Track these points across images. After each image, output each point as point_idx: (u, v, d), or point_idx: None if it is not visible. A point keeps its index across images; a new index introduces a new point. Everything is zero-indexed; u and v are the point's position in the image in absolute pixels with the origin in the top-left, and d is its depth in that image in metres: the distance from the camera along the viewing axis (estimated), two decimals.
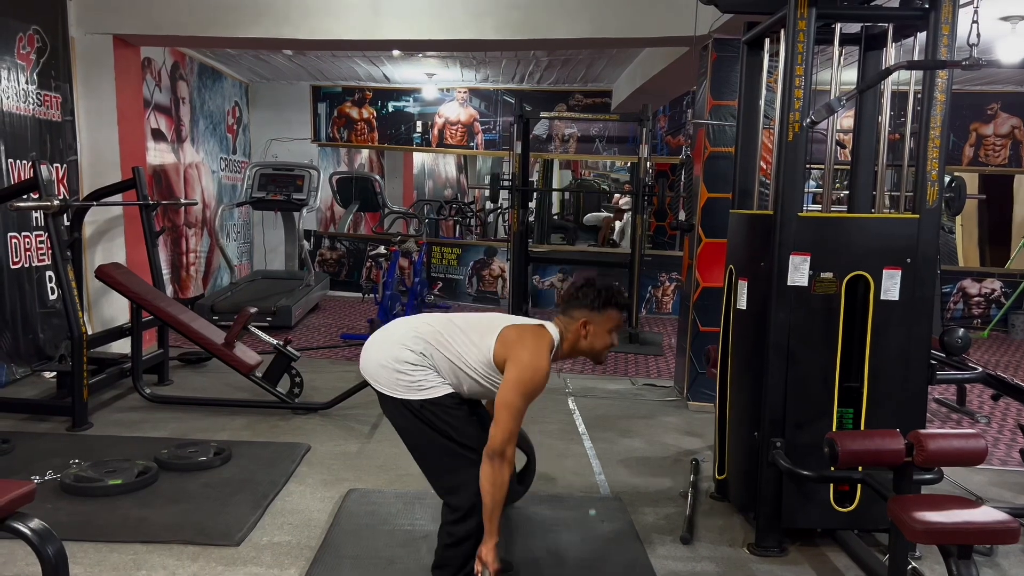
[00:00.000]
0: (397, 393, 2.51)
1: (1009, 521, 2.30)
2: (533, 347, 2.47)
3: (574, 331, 2.56)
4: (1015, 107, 8.97)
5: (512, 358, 2.44)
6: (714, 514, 3.58)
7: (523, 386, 2.42)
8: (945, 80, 3.03)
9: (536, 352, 2.46)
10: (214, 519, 3.30)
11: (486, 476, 2.40)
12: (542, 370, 2.45)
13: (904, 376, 3.12)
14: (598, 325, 2.56)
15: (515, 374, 2.42)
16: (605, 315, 2.56)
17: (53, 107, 5.74)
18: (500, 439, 2.38)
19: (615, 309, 2.58)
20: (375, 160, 13.72)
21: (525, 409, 2.45)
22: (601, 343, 2.59)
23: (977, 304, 9.12)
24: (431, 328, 2.56)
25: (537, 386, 2.45)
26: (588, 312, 2.55)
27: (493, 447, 2.39)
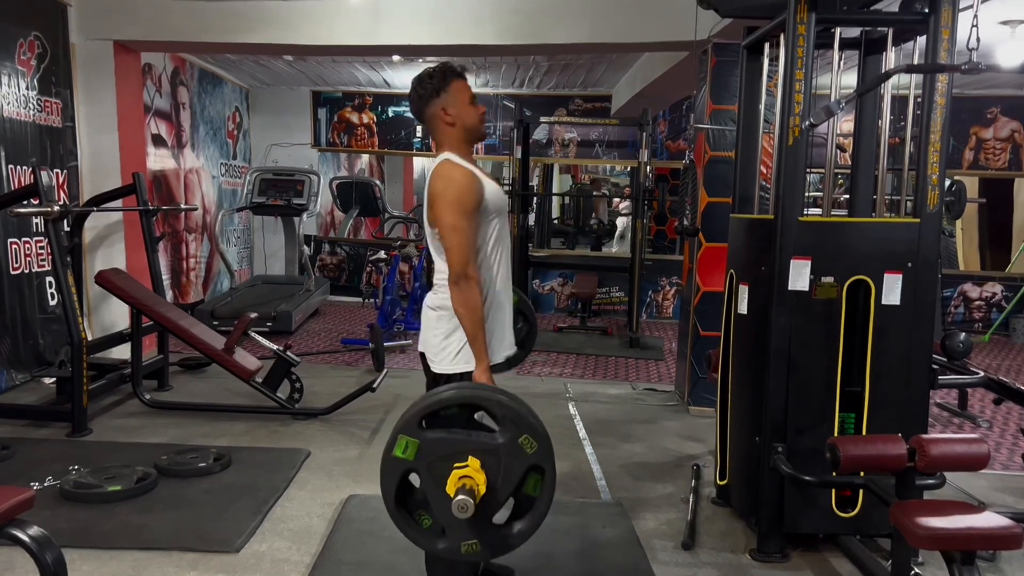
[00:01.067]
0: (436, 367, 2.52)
1: (1012, 527, 2.29)
2: (437, 176, 2.42)
3: (442, 127, 2.48)
4: (1015, 111, 8.97)
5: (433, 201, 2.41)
6: (716, 519, 3.57)
7: (452, 203, 2.35)
8: (945, 84, 3.03)
9: (441, 176, 2.40)
10: (214, 525, 3.29)
11: (457, 300, 2.36)
12: (460, 179, 2.38)
13: (906, 380, 3.11)
14: (453, 104, 2.47)
15: (440, 202, 2.37)
16: (450, 90, 2.47)
17: (53, 113, 5.75)
18: (457, 261, 2.34)
19: (455, 78, 2.48)
20: (375, 165, 13.73)
21: (467, 225, 2.36)
22: (470, 117, 2.49)
23: (978, 308, 9.11)
24: None
25: (466, 194, 2.36)
26: (436, 99, 2.46)
27: (455, 271, 2.35)
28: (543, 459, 2.14)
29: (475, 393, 2.25)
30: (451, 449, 2.13)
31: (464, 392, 2.24)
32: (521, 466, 2.13)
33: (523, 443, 2.11)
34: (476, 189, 2.40)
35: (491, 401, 2.18)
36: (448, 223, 2.36)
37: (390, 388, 5.38)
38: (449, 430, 2.17)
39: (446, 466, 2.10)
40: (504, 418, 2.13)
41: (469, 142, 2.54)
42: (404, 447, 2.13)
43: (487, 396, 2.20)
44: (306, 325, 8.19)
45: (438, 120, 2.48)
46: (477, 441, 2.14)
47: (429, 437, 2.14)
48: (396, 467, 2.15)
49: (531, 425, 2.14)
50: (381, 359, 6.18)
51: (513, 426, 2.12)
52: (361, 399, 4.90)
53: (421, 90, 2.48)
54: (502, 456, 2.12)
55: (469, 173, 2.41)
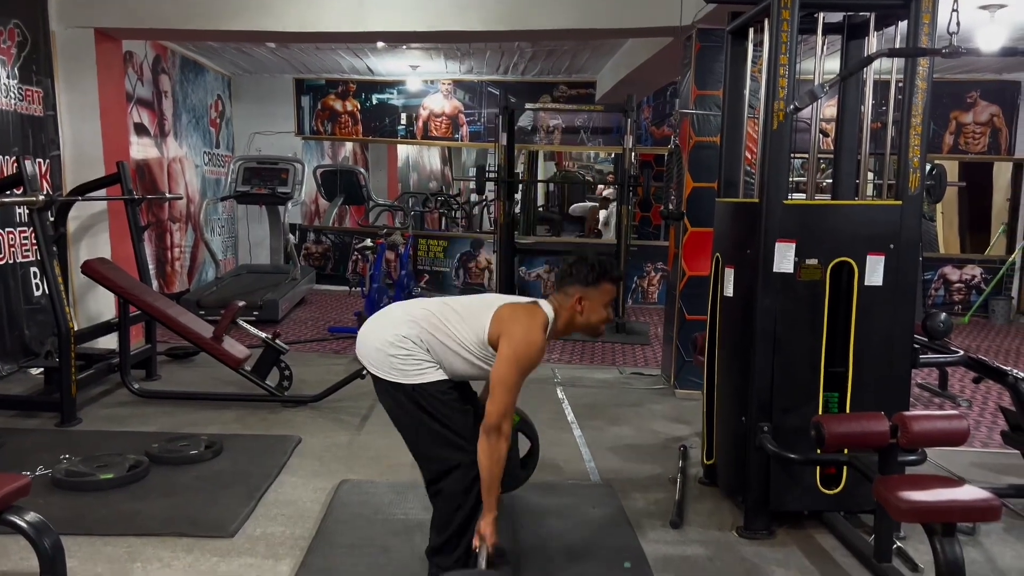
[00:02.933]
0: (390, 376, 2.54)
1: (991, 499, 2.35)
2: (527, 323, 2.49)
3: (569, 307, 2.57)
4: (994, 95, 9.08)
5: (506, 334, 2.46)
6: (703, 499, 3.63)
7: (517, 361, 2.44)
8: (926, 69, 3.08)
9: (530, 328, 2.48)
10: (207, 511, 3.31)
11: (483, 451, 2.43)
12: (535, 344, 2.47)
13: (888, 360, 3.18)
14: (593, 300, 2.57)
15: (509, 350, 2.44)
16: (600, 289, 2.57)
17: (35, 102, 5.69)
18: (496, 414, 2.41)
19: (609, 282, 2.59)
20: (359, 153, 13.68)
21: (520, 384, 2.47)
22: (597, 317, 2.60)
23: (958, 290, 9.24)
24: (426, 311, 2.58)
25: (531, 361, 2.47)
26: (582, 288, 2.56)
27: (490, 422, 2.42)
28: None
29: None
30: None
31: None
32: None
33: None
34: (539, 362, 2.51)
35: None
36: (504, 375, 2.44)
37: None
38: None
39: None
40: None
41: (575, 331, 2.65)
42: None
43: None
44: (292, 314, 8.19)
45: (572, 301, 2.57)
46: None
47: None
48: None
49: None
50: None
51: None
52: (351, 386, 4.92)
53: (576, 271, 2.58)
54: None
55: (544, 347, 2.52)
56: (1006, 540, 3.24)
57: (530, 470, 3.30)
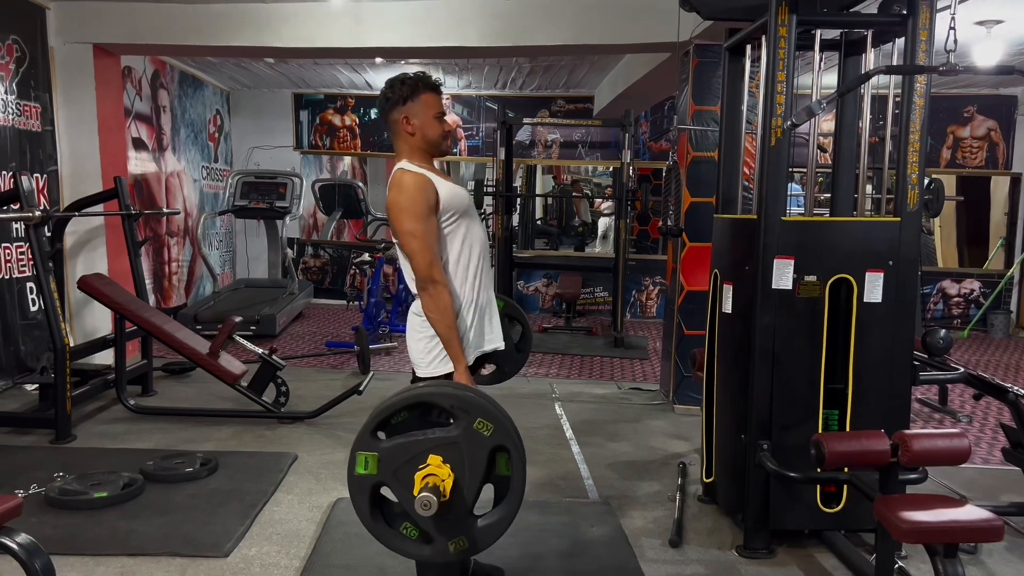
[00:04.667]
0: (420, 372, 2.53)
1: (993, 519, 2.33)
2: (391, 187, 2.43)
3: (403, 134, 2.47)
4: (991, 110, 9.10)
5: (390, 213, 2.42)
6: (702, 517, 3.60)
7: (405, 209, 2.37)
8: (924, 84, 3.08)
9: (393, 187, 2.41)
10: (202, 530, 3.28)
11: (426, 305, 2.40)
12: (410, 184, 2.38)
13: (888, 377, 3.16)
14: (418, 115, 2.46)
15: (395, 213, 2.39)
16: (419, 101, 2.46)
17: (33, 117, 5.69)
18: (420, 265, 2.37)
19: (426, 90, 2.47)
20: (358, 167, 13.69)
21: (422, 228, 2.37)
22: (433, 131, 2.48)
23: (957, 304, 9.23)
24: None
25: (418, 198, 2.37)
26: (402, 107, 2.45)
27: (419, 276, 2.38)
28: (503, 438, 2.12)
29: (418, 392, 2.23)
30: (410, 453, 2.11)
31: (407, 395, 2.21)
32: (483, 450, 2.11)
33: (479, 427, 2.10)
34: (428, 191, 2.39)
35: (435, 395, 2.18)
36: (405, 229, 2.37)
37: (376, 390, 5.36)
38: (405, 435, 2.15)
39: (411, 471, 2.09)
40: (453, 408, 2.12)
41: (428, 153, 2.52)
42: (364, 463, 2.11)
43: (430, 392, 2.21)
44: (290, 328, 8.16)
45: (399, 127, 2.47)
46: (433, 438, 2.12)
47: (385, 447, 2.12)
48: (363, 484, 2.13)
49: (483, 408, 2.12)
50: (367, 361, 6.18)
51: (464, 414, 2.11)
52: (348, 402, 4.90)
53: (390, 94, 2.48)
54: (462, 446, 2.10)
55: (420, 177, 2.40)
56: (1008, 559, 3.21)
57: (525, 353, 3.27)
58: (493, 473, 2.16)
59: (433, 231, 2.41)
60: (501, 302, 2.81)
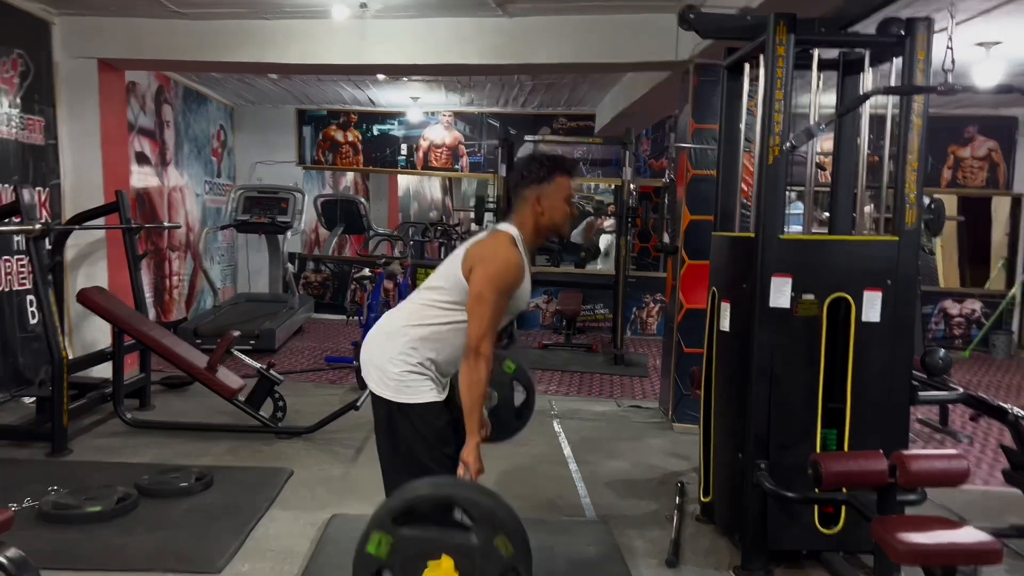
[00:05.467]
0: (382, 392, 2.44)
1: (992, 542, 2.31)
2: (493, 244, 2.40)
3: (529, 212, 2.46)
4: (992, 130, 9.12)
5: (477, 262, 2.37)
6: (700, 537, 3.57)
7: (492, 278, 2.34)
8: (922, 104, 3.09)
9: (497, 247, 2.39)
10: (195, 546, 3.25)
11: (464, 373, 2.34)
12: (507, 260, 2.36)
13: (886, 396, 3.14)
14: (550, 196, 2.45)
15: (481, 271, 2.35)
16: (554, 183, 2.45)
17: (36, 130, 5.72)
18: (475, 334, 2.32)
19: (562, 174, 2.47)
20: (360, 183, 13.74)
21: (498, 302, 2.35)
22: (560, 214, 2.47)
23: (958, 324, 9.20)
24: (411, 304, 2.50)
25: (508, 277, 2.36)
26: (536, 187, 2.45)
27: (470, 344, 2.32)
28: (519, 562, 2.07)
29: (451, 492, 2.18)
30: (425, 547, 2.06)
31: (440, 491, 2.18)
32: (497, 567, 2.05)
33: (499, 544, 2.05)
34: (519, 277, 2.40)
35: (467, 501, 2.12)
36: (482, 294, 2.34)
37: None
38: (424, 527, 2.11)
39: (419, 565, 2.04)
40: (480, 518, 2.07)
41: (544, 235, 2.54)
42: (377, 543, 2.06)
43: (463, 496, 2.15)
44: (290, 343, 8.15)
45: (529, 204, 2.47)
46: (452, 541, 2.07)
47: (403, 534, 2.07)
48: (368, 564, 2.07)
49: (508, 526, 2.08)
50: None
51: (489, 527, 2.06)
52: (345, 418, 4.88)
53: (526, 172, 2.48)
54: (477, 558, 2.04)
55: (521, 262, 2.41)
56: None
57: (524, 421, 3.23)
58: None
59: (501, 310, 2.40)
60: (512, 365, 2.76)
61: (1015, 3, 4.71)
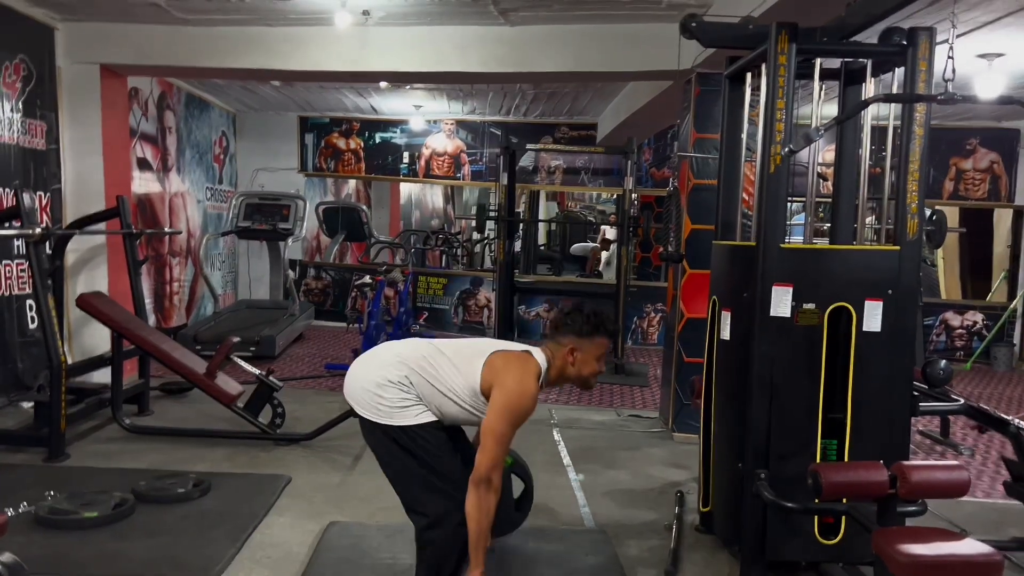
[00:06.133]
0: (376, 417, 2.48)
1: (993, 554, 2.29)
2: (519, 373, 2.45)
3: (561, 357, 2.54)
4: (993, 142, 9.12)
5: (498, 384, 2.42)
6: (699, 547, 3.55)
7: (509, 412, 2.40)
8: (923, 115, 3.08)
9: (522, 378, 2.44)
10: (191, 553, 3.24)
11: (471, 504, 2.37)
12: (528, 394, 2.43)
13: (887, 407, 3.12)
14: (585, 352, 2.54)
15: (501, 400, 2.40)
16: (593, 342, 2.55)
17: (38, 135, 5.73)
18: (486, 466, 2.36)
19: (603, 336, 2.57)
20: (362, 190, 13.75)
21: (511, 435, 2.43)
22: (589, 369, 2.57)
23: (959, 336, 9.18)
24: (416, 353, 2.53)
25: (523, 412, 2.43)
26: (576, 339, 2.53)
27: (479, 474, 2.36)
28: None
29: None
30: None
31: None
32: None
33: None
34: (531, 409, 2.47)
35: None
36: (495, 426, 2.40)
37: None
38: None
39: None
40: None
41: (567, 381, 2.63)
42: None
43: None
44: (290, 350, 8.14)
45: (564, 351, 2.55)
46: None
47: None
48: None
49: None
50: None
51: None
52: (344, 425, 4.85)
53: (570, 321, 2.57)
54: None
55: (536, 396, 2.48)
56: None
57: (524, 513, 3.23)
58: None
59: (511, 439, 2.46)
60: (510, 459, 2.79)
61: (1018, 15, 4.71)
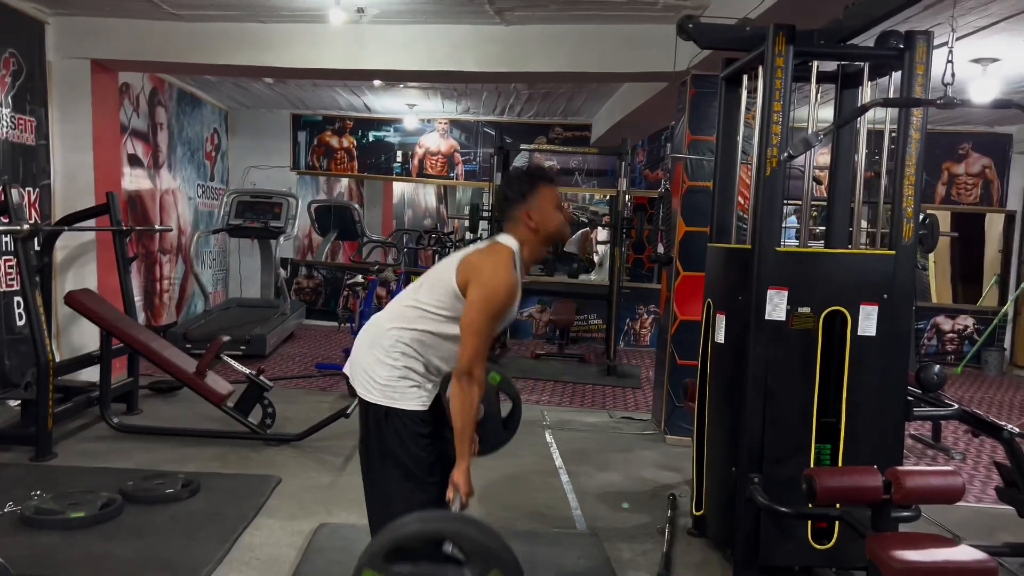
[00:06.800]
0: (368, 396, 2.42)
1: (987, 560, 2.28)
2: (494, 263, 2.36)
3: (523, 229, 2.44)
4: (986, 147, 9.15)
5: (474, 279, 2.34)
6: (691, 550, 3.53)
7: (487, 303, 2.32)
8: (920, 119, 3.08)
9: (496, 267, 2.35)
10: (179, 554, 3.20)
11: (455, 397, 2.32)
12: (505, 282, 2.34)
13: (881, 412, 3.12)
14: (540, 208, 2.44)
15: (479, 292, 2.32)
16: (539, 195, 2.44)
17: (27, 130, 5.67)
18: (468, 359, 2.30)
19: (544, 182, 2.47)
20: (355, 189, 13.70)
21: (491, 328, 2.35)
22: (554, 223, 2.46)
23: (950, 340, 9.21)
24: (399, 307, 2.47)
25: (501, 302, 2.34)
26: (522, 203, 2.43)
27: (461, 367, 2.31)
28: None
29: (442, 527, 2.14)
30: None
31: (431, 526, 2.13)
32: None
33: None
34: (512, 298, 2.38)
35: (460, 536, 2.08)
36: (474, 319, 2.32)
37: None
38: (416, 563, 2.05)
39: None
40: (473, 553, 2.03)
41: (545, 247, 2.52)
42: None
43: (455, 531, 2.11)
44: (281, 349, 8.09)
45: (522, 223, 2.45)
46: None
47: (396, 572, 2.02)
48: None
49: (501, 560, 2.04)
50: None
51: (482, 562, 2.02)
52: (334, 425, 4.83)
53: (509, 193, 2.48)
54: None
55: (516, 283, 2.38)
56: None
57: (512, 431, 3.19)
58: None
59: (493, 332, 2.38)
60: (498, 376, 2.75)
61: (1013, 20, 4.72)
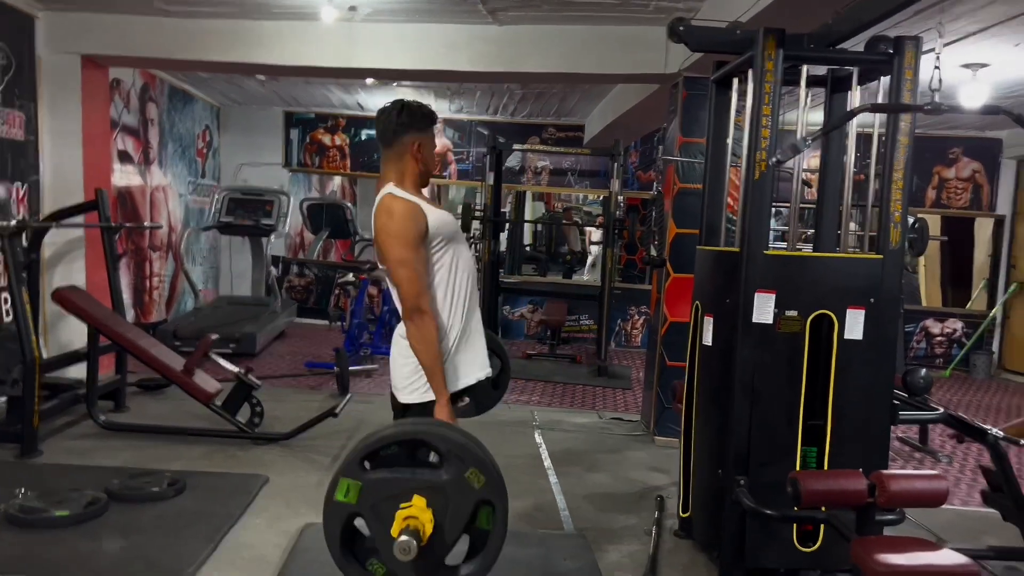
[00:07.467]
0: (403, 398, 2.48)
1: (970, 564, 2.29)
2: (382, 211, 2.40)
3: (408, 161, 2.45)
4: (976, 152, 9.19)
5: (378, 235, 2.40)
6: (678, 552, 3.54)
7: (397, 236, 2.35)
8: (908, 124, 3.08)
9: (380, 209, 2.40)
10: (164, 553, 3.19)
11: (413, 336, 2.36)
12: (396, 210, 2.36)
13: (867, 415, 3.13)
14: (427, 147, 2.48)
15: (384, 237, 2.37)
16: (430, 134, 2.50)
17: (16, 126, 5.63)
18: (409, 294, 2.34)
19: (434, 125, 2.54)
20: (347, 187, 13.66)
21: (413, 255, 2.35)
22: (434, 164, 2.52)
23: (939, 344, 9.25)
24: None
25: (410, 226, 2.35)
26: (418, 134, 2.46)
27: (407, 305, 2.35)
28: (492, 493, 2.06)
29: (415, 429, 2.16)
30: (395, 489, 2.04)
31: (404, 428, 2.16)
32: (469, 502, 2.05)
33: (470, 477, 2.04)
34: (419, 219, 2.38)
35: (432, 436, 2.10)
36: (395, 256, 2.35)
37: (353, 413, 5.30)
38: (392, 469, 2.08)
39: (391, 507, 2.01)
40: (448, 453, 2.06)
41: (423, 183, 2.53)
42: (346, 490, 2.04)
43: (428, 431, 2.13)
44: (271, 347, 8.07)
45: (407, 153, 2.44)
46: (421, 479, 2.06)
47: (371, 478, 2.05)
48: (339, 512, 2.05)
49: (477, 458, 2.06)
50: (346, 383, 6.10)
51: (458, 461, 2.04)
52: (322, 425, 4.82)
53: (406, 119, 2.45)
54: (449, 493, 2.03)
55: (411, 204, 2.39)
56: None
57: (502, 389, 3.20)
58: (473, 525, 2.09)
59: (422, 259, 2.38)
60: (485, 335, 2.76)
61: (1003, 26, 4.74)
